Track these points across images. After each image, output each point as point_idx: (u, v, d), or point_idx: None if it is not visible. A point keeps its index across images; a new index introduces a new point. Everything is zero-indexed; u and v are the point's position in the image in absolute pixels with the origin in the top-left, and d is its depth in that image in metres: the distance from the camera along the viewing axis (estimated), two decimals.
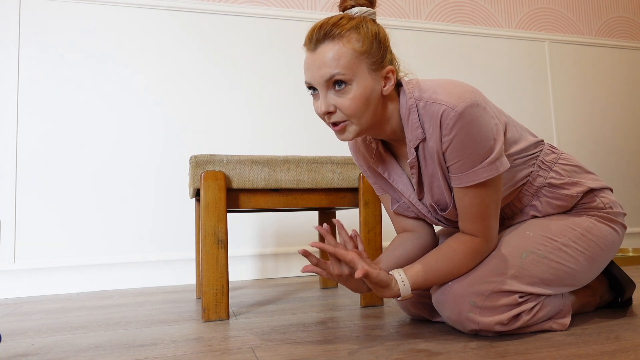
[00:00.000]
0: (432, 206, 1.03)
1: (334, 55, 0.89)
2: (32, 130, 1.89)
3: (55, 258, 1.87)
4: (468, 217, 0.97)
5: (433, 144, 0.93)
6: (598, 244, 1.03)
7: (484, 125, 0.91)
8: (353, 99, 0.90)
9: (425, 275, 0.96)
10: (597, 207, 1.06)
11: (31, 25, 1.91)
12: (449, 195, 0.99)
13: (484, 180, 0.93)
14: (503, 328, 0.94)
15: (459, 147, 0.90)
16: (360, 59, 0.90)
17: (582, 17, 2.75)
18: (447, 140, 0.91)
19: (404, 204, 1.10)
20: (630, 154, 2.77)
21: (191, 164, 1.27)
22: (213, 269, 1.21)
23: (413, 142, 0.96)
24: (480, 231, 0.97)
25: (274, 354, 0.90)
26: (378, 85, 0.93)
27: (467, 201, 0.95)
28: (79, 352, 0.97)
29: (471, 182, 0.92)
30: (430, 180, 0.99)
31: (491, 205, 0.96)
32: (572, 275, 1.00)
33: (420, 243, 1.12)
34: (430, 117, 0.92)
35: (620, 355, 0.83)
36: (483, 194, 0.94)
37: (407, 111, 0.95)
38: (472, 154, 0.91)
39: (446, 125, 0.90)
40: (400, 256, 1.08)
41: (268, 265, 2.09)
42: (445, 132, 0.90)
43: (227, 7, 2.13)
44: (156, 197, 1.99)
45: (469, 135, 0.89)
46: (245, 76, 2.15)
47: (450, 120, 0.89)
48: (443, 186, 0.98)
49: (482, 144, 0.91)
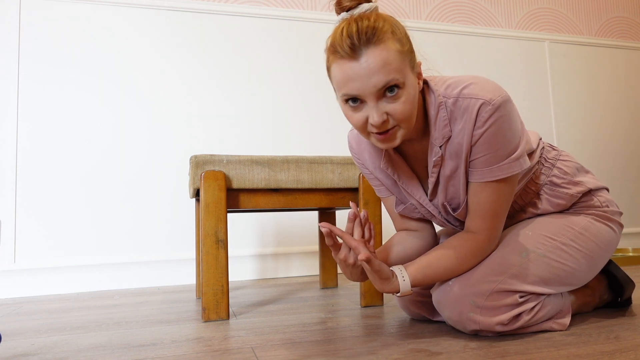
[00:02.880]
0: (443, 206, 1.02)
1: (384, 61, 0.82)
2: (32, 130, 1.89)
3: (55, 258, 1.87)
4: (479, 214, 0.96)
5: (461, 139, 0.92)
6: (596, 243, 1.04)
7: (514, 121, 0.91)
8: (405, 102, 0.85)
9: (425, 271, 0.96)
10: (594, 205, 1.07)
11: (31, 25, 1.91)
12: (464, 194, 0.98)
13: (505, 177, 0.92)
14: (503, 328, 0.95)
15: (489, 140, 0.90)
16: (404, 59, 0.85)
17: (582, 17, 2.75)
18: (478, 133, 0.90)
19: (411, 206, 1.08)
20: (630, 154, 2.77)
21: (191, 164, 1.27)
22: (213, 269, 1.21)
23: (439, 141, 0.94)
24: (487, 229, 0.97)
25: (274, 354, 0.90)
26: (416, 84, 0.89)
27: (482, 197, 0.95)
28: (79, 352, 0.97)
29: (494, 178, 0.92)
30: (447, 179, 0.98)
31: (504, 204, 0.96)
32: (571, 274, 1.01)
33: (421, 243, 1.12)
34: (463, 112, 0.90)
35: (620, 355, 0.83)
36: (500, 191, 0.94)
37: (435, 109, 0.92)
38: (500, 149, 0.91)
39: (481, 118, 0.89)
40: (398, 252, 1.08)
41: (268, 265, 2.09)
42: (479, 125, 0.89)
43: (227, 7, 2.13)
44: (156, 197, 1.99)
45: (500, 129, 0.89)
46: (245, 76, 2.15)
47: (487, 113, 0.88)
48: (461, 183, 0.96)
49: (510, 140, 0.91)
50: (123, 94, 2.00)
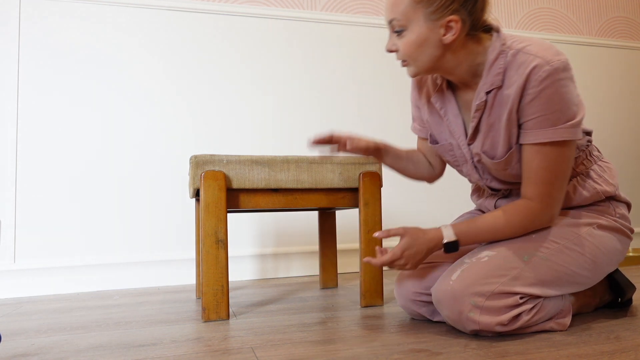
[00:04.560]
0: (477, 154, 1.05)
1: (393, 3, 0.98)
2: (33, 130, 1.89)
3: (55, 258, 1.87)
4: (533, 180, 0.97)
5: (511, 92, 0.95)
6: (600, 249, 1.03)
7: (572, 89, 0.93)
8: (406, 43, 0.98)
9: (470, 225, 1.01)
10: (608, 213, 1.06)
11: (31, 25, 1.91)
12: (503, 147, 1.00)
13: (561, 142, 0.94)
14: (503, 328, 0.95)
15: (545, 101, 0.92)
16: (416, 7, 0.96)
17: (582, 17, 2.75)
18: (533, 92, 0.92)
19: (448, 145, 1.12)
20: (630, 154, 2.77)
21: (191, 164, 1.27)
22: (213, 269, 1.21)
23: (487, 87, 0.98)
24: (539, 196, 0.97)
25: (274, 354, 0.90)
26: (434, 34, 0.96)
27: (536, 163, 0.96)
28: (79, 352, 0.97)
29: (549, 139, 0.93)
30: (489, 128, 1.01)
31: (559, 173, 0.96)
32: (573, 278, 1.00)
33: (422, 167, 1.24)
34: (518, 66, 0.94)
35: (620, 355, 0.83)
36: (555, 156, 0.95)
37: (495, 56, 0.97)
38: (556, 112, 0.92)
39: (537, 78, 0.91)
40: (400, 151, 1.22)
41: (268, 265, 2.09)
42: (534, 84, 0.92)
43: (227, 7, 2.13)
44: (156, 198, 2.00)
45: (557, 92, 0.92)
46: (245, 76, 2.15)
47: (543, 73, 0.91)
48: (502, 135, 0.99)
49: (568, 105, 0.93)
50: (123, 93, 2.00)
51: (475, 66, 1.00)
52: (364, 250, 1.35)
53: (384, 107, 2.31)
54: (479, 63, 1.00)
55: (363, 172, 1.36)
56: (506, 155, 1.00)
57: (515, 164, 1.01)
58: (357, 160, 1.37)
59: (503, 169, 1.03)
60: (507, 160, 1.01)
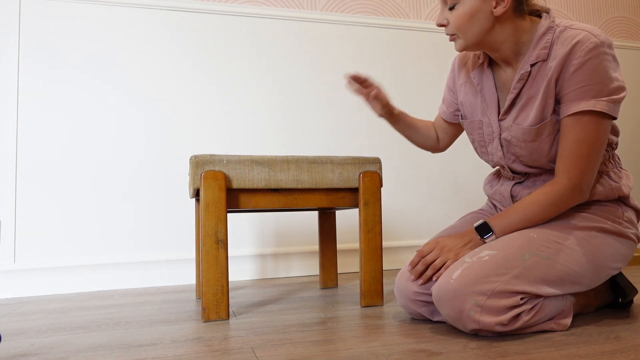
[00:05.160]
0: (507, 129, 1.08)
1: None
2: (32, 130, 1.89)
3: (55, 258, 1.87)
4: (565, 153, 1.00)
5: (554, 64, 0.99)
6: (602, 251, 1.03)
7: (615, 66, 0.97)
8: (458, 16, 1.03)
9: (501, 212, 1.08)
10: (615, 214, 1.07)
11: (31, 25, 1.91)
12: (536, 117, 1.03)
13: (599, 115, 0.96)
14: (503, 328, 0.94)
15: (589, 72, 0.95)
16: None
17: (582, 17, 2.75)
18: (578, 62, 0.96)
19: (477, 123, 1.16)
20: (631, 154, 2.77)
21: (191, 164, 1.27)
22: (213, 269, 1.21)
23: (533, 59, 1.02)
24: (568, 170, 1.00)
25: (274, 354, 0.90)
26: (487, 6, 1.01)
27: (572, 135, 0.98)
28: (79, 352, 0.97)
29: (590, 107, 0.96)
30: (527, 100, 1.04)
31: (593, 147, 0.98)
32: (574, 278, 1.00)
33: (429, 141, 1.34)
34: (565, 39, 0.98)
35: (620, 355, 0.83)
36: (592, 129, 0.97)
37: (544, 30, 1.02)
38: (599, 83, 0.95)
39: (583, 48, 0.95)
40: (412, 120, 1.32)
41: (268, 265, 2.09)
42: (580, 54, 0.96)
43: (227, 7, 2.13)
44: (156, 198, 2.00)
45: (601, 64, 0.95)
46: (245, 76, 2.15)
47: (590, 44, 0.95)
48: (537, 106, 1.02)
49: (610, 79, 0.96)
50: (123, 94, 2.00)
51: (520, 44, 1.05)
52: (364, 250, 1.35)
53: None
54: (525, 42, 1.05)
55: (363, 172, 1.36)
56: (540, 124, 1.03)
57: (545, 137, 1.04)
58: (357, 160, 1.37)
59: (532, 140, 1.05)
60: (539, 130, 1.04)
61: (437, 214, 2.34)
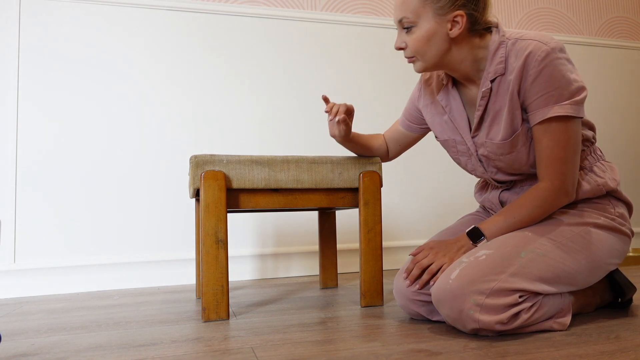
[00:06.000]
0: (482, 144, 1.10)
1: (404, 1, 1.05)
2: (32, 130, 1.89)
3: (55, 258, 1.87)
4: (542, 161, 1.02)
5: (513, 77, 1.00)
6: (598, 247, 1.03)
7: (570, 68, 0.99)
8: (415, 39, 1.05)
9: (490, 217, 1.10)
10: (607, 211, 1.07)
11: (31, 25, 1.91)
12: (507, 130, 1.04)
13: (566, 118, 0.98)
14: (503, 327, 0.95)
15: (546, 80, 0.97)
16: (425, 4, 1.03)
17: (582, 17, 2.75)
18: (534, 73, 0.98)
19: (451, 141, 1.18)
20: (631, 155, 2.77)
21: (191, 164, 1.27)
22: (213, 269, 1.21)
23: (491, 75, 1.04)
24: (549, 175, 1.01)
25: (274, 354, 0.90)
26: (442, 29, 1.03)
27: (545, 141, 1.00)
28: (79, 352, 0.97)
29: (555, 114, 0.97)
30: (495, 115, 1.06)
31: (568, 148, 1.00)
32: (571, 275, 1.01)
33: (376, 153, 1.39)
34: (518, 52, 1.00)
35: (620, 355, 0.83)
36: (562, 132, 0.99)
37: (496, 47, 1.04)
38: (558, 88, 0.97)
39: (536, 59, 0.97)
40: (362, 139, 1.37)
41: (268, 265, 2.09)
42: (534, 65, 0.98)
43: (227, 7, 2.13)
44: (156, 198, 2.00)
45: (557, 70, 0.97)
46: (245, 76, 2.15)
47: (542, 53, 0.97)
48: (505, 118, 1.03)
49: (569, 82, 0.98)
50: (123, 93, 2.00)
51: (478, 60, 1.06)
52: (364, 250, 1.35)
53: (383, 107, 2.31)
54: (482, 57, 1.06)
55: (363, 172, 1.36)
56: (512, 137, 1.04)
57: (521, 147, 1.05)
58: (357, 160, 1.37)
59: (508, 152, 1.06)
60: (513, 143, 1.05)
61: (437, 214, 2.34)
